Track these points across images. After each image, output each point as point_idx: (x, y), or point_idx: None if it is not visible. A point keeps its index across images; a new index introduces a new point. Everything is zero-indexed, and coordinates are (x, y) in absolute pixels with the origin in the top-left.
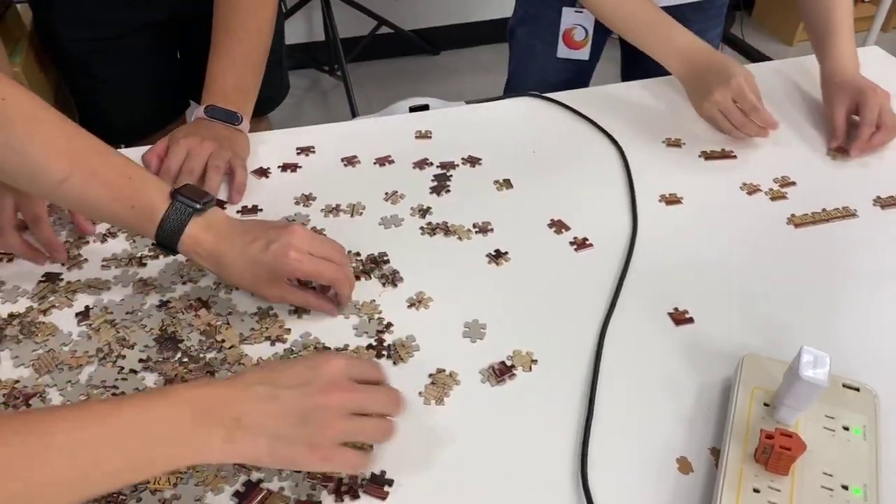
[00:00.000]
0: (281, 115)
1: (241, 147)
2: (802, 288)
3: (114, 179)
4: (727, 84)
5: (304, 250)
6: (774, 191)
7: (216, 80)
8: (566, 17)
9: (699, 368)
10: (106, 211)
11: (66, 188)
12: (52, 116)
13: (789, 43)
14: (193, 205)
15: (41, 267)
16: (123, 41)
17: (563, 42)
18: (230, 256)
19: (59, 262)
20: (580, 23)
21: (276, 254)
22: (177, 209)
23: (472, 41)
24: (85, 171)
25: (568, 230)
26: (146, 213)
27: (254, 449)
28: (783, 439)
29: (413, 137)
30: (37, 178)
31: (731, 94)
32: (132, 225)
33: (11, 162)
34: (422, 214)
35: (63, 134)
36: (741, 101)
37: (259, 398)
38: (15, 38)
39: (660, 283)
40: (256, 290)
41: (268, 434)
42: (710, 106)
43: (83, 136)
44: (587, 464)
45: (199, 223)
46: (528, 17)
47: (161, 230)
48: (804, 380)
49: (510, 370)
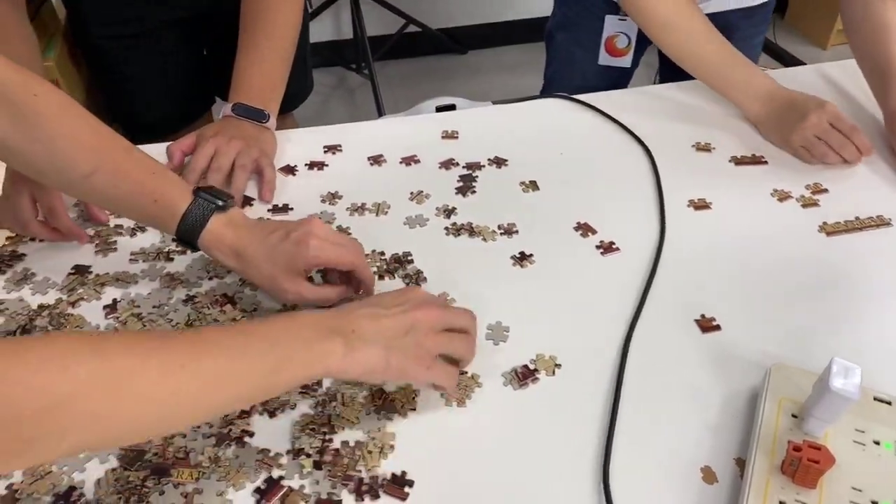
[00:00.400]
0: (307, 112)
1: (268, 145)
2: (834, 298)
3: (138, 174)
4: (822, 108)
5: (324, 238)
6: (806, 198)
7: (243, 78)
8: (609, 25)
9: (725, 377)
10: (129, 204)
11: (93, 182)
12: (80, 113)
13: (823, 46)
14: (215, 201)
15: (71, 259)
16: (150, 38)
17: (605, 49)
18: (251, 250)
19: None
20: (623, 30)
21: (296, 241)
22: (199, 205)
23: (500, 41)
24: (111, 165)
25: (594, 234)
26: (168, 208)
27: (373, 357)
28: (811, 452)
29: (439, 137)
30: (64, 172)
31: (828, 117)
32: (154, 219)
33: (40, 156)
34: (447, 215)
35: (90, 130)
36: (839, 124)
37: (368, 316)
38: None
39: (687, 290)
40: (274, 286)
41: (381, 343)
42: (805, 131)
43: (109, 132)
44: (609, 471)
45: (221, 219)
46: (568, 22)
47: (182, 224)
48: (834, 392)
49: (533, 374)
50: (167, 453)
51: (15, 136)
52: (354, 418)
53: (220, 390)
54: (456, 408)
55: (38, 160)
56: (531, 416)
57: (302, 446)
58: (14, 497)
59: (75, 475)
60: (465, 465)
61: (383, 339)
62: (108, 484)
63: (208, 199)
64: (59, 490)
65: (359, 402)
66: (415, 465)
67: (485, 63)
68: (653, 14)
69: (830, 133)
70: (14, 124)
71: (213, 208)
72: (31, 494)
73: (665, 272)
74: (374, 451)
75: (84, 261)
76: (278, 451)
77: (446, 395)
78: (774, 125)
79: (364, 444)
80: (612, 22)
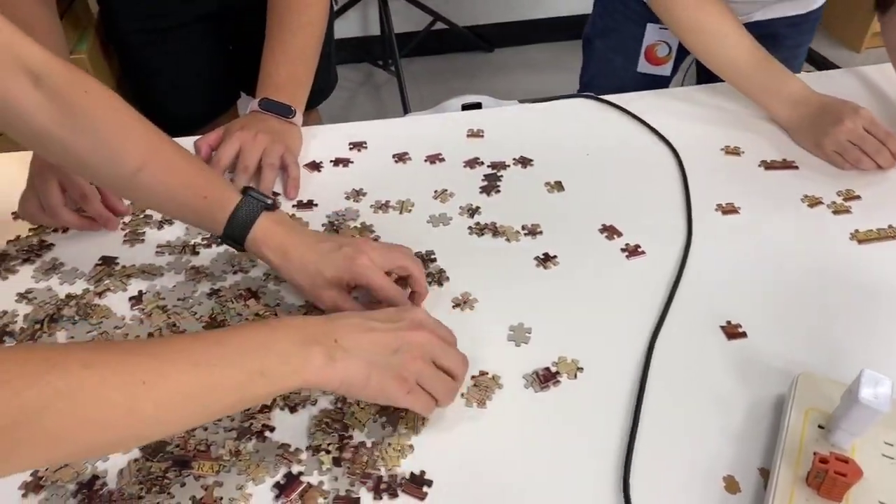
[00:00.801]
0: (333, 108)
1: (293, 141)
2: (864, 307)
3: (187, 171)
4: (857, 113)
5: (377, 261)
6: (838, 204)
7: (270, 73)
8: (650, 34)
9: (750, 385)
10: (178, 201)
11: (142, 177)
12: (129, 110)
13: (857, 50)
14: (265, 200)
15: (99, 249)
16: (177, 33)
17: (645, 57)
18: (299, 249)
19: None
20: (664, 39)
21: (346, 255)
22: (249, 203)
23: (527, 39)
24: (161, 161)
25: (620, 236)
26: (218, 205)
27: (353, 370)
28: (838, 464)
29: (465, 136)
30: (112, 167)
31: (863, 122)
32: (200, 216)
33: (88, 149)
34: (470, 214)
35: (140, 126)
36: (874, 129)
37: (356, 327)
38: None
39: (713, 295)
40: (312, 290)
41: (365, 358)
42: (839, 136)
43: (156, 130)
44: (629, 477)
45: (271, 217)
46: (607, 29)
47: (232, 221)
48: (863, 403)
49: (554, 377)
50: (189, 445)
51: (63, 128)
52: (366, 421)
53: (185, 406)
54: (476, 408)
55: (84, 153)
56: (551, 419)
57: (318, 443)
58: (39, 484)
59: (98, 464)
60: (483, 466)
61: (367, 354)
62: (131, 474)
63: (258, 198)
64: (82, 479)
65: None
66: (434, 465)
67: (511, 61)
68: (681, 15)
69: (865, 138)
70: (63, 117)
71: (263, 207)
72: (56, 482)
73: (691, 277)
74: (392, 454)
75: (111, 252)
76: (298, 447)
77: (466, 396)
78: (807, 130)
79: (383, 444)
80: (653, 30)
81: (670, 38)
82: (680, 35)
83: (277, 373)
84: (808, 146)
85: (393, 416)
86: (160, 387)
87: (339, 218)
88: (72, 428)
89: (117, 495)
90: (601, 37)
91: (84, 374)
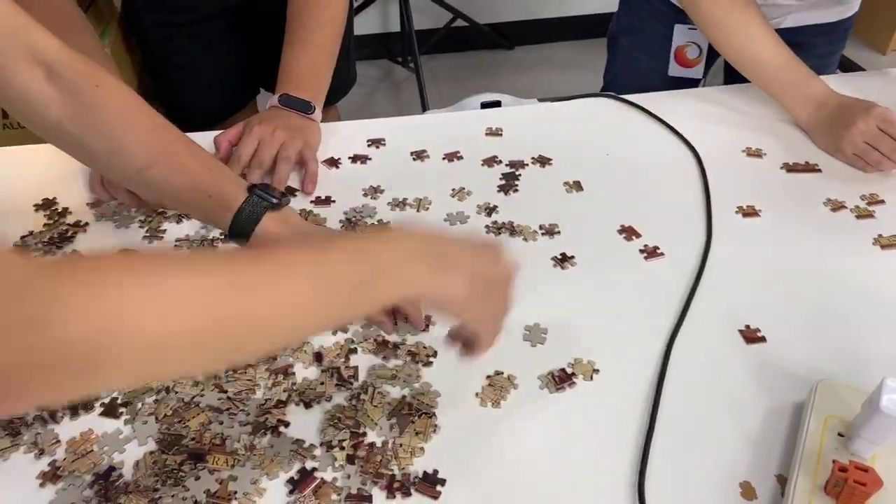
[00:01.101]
0: (352, 105)
1: (312, 137)
2: (887, 314)
3: (194, 169)
4: (869, 113)
5: None
6: (861, 208)
7: (290, 69)
8: (678, 35)
9: (769, 391)
10: (184, 198)
11: (150, 174)
12: (142, 107)
13: (882, 52)
14: (269, 199)
15: (118, 243)
16: (198, 27)
17: (675, 60)
18: None
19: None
20: (694, 40)
21: None
22: (253, 201)
23: (547, 37)
24: (170, 159)
25: (638, 237)
26: (223, 203)
27: (457, 285)
28: (858, 473)
29: (483, 134)
30: (120, 163)
31: (876, 122)
32: (207, 214)
33: (97, 145)
34: (488, 213)
35: (150, 124)
36: (888, 127)
37: (460, 244)
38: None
39: (732, 299)
40: None
41: (466, 273)
42: (854, 138)
43: (168, 126)
44: (645, 482)
45: (275, 217)
46: (633, 27)
47: (236, 219)
48: (885, 412)
49: (570, 378)
50: (204, 439)
51: (75, 122)
52: (378, 419)
53: (300, 309)
54: (491, 408)
55: (94, 148)
56: (566, 421)
57: (328, 438)
58: (56, 474)
59: (115, 455)
60: (497, 466)
61: (468, 267)
62: (147, 466)
63: (262, 197)
64: (99, 469)
65: (386, 403)
66: (447, 465)
67: (531, 59)
68: (709, 10)
69: (881, 138)
70: (76, 111)
71: (267, 205)
72: (73, 472)
73: (710, 280)
74: (405, 455)
75: (130, 243)
76: (312, 443)
77: (481, 395)
78: (826, 132)
79: (395, 445)
80: (681, 31)
81: (700, 39)
82: (706, 30)
83: (384, 280)
84: (829, 149)
85: (403, 419)
86: (273, 289)
87: (356, 215)
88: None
89: (133, 487)
90: (627, 34)
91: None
